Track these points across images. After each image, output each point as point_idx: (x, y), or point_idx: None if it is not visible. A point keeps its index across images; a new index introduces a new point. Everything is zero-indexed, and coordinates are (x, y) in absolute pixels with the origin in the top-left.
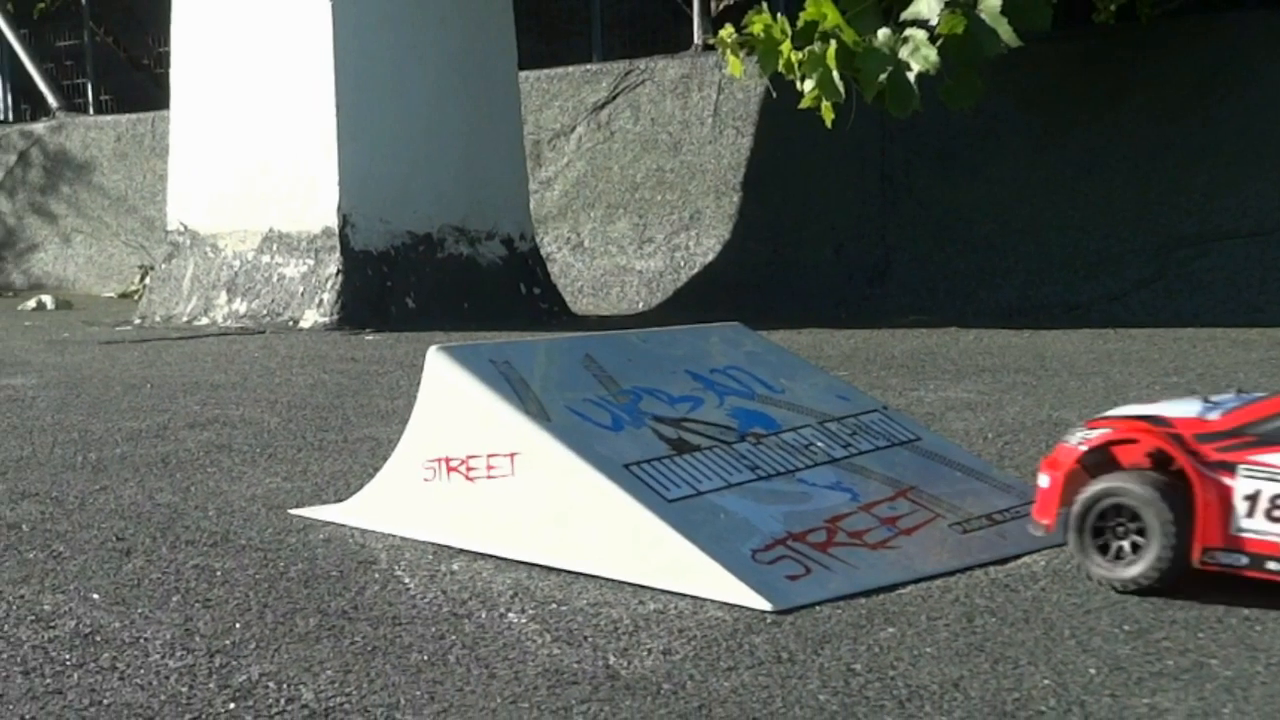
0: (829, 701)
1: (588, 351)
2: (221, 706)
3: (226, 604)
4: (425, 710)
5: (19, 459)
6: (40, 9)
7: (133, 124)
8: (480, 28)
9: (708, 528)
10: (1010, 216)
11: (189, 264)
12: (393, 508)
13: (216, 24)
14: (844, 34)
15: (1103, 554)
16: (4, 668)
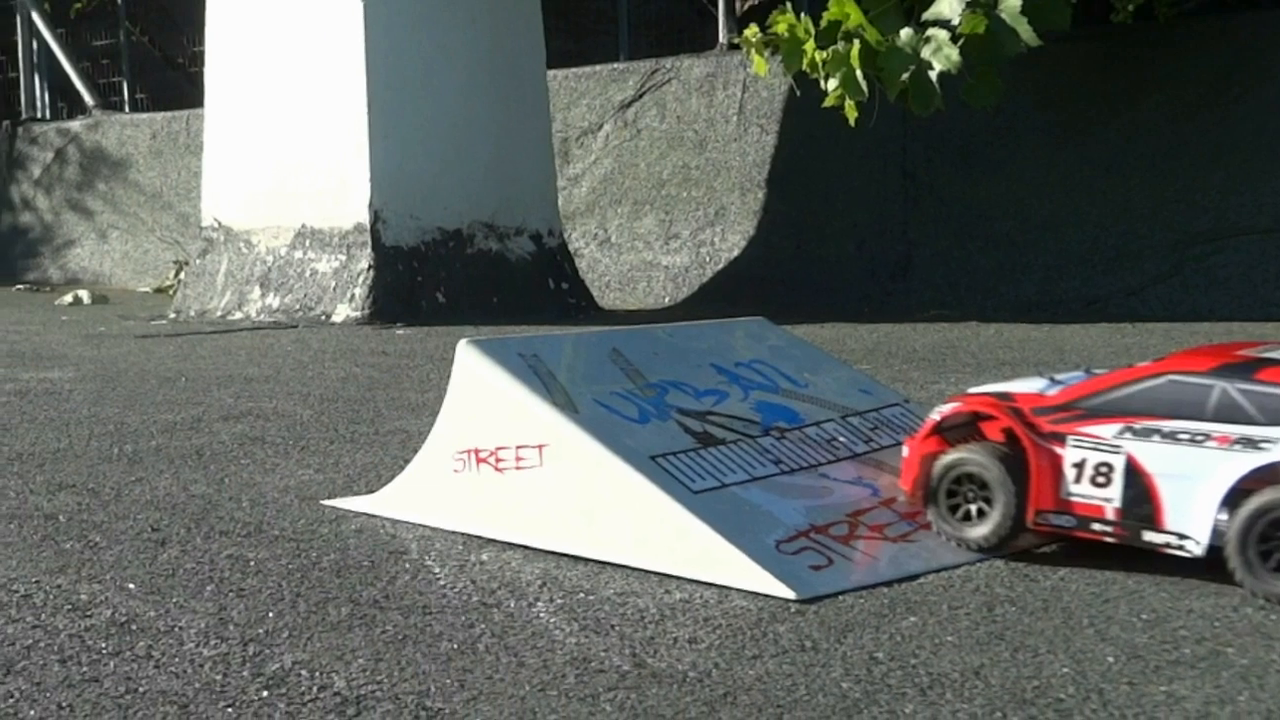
0: (852, 689)
1: (614, 345)
2: (255, 694)
3: (260, 593)
4: (455, 698)
5: (56, 451)
6: (77, 9)
7: (168, 122)
8: (509, 27)
9: (732, 519)
10: (1030, 213)
11: (223, 259)
12: (423, 499)
13: (250, 24)
14: (867, 33)
15: (961, 519)
16: (42, 656)
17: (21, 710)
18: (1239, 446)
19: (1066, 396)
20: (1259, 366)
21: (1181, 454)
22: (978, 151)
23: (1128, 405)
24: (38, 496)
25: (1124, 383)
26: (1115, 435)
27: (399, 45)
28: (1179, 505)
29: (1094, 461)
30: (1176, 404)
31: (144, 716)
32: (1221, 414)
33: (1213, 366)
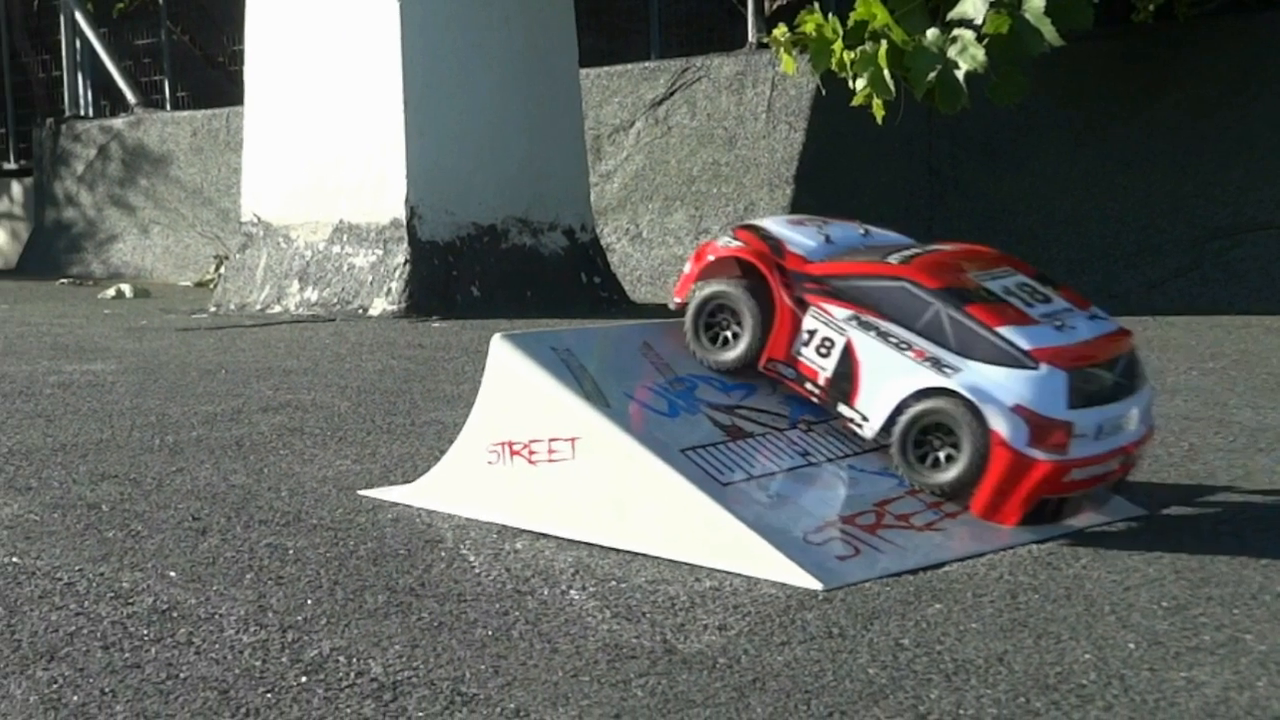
0: (878, 675)
1: (645, 339)
2: (294, 680)
3: (298, 581)
4: (490, 683)
5: (99, 442)
6: (119, 9)
7: (208, 119)
8: (542, 27)
9: (761, 510)
10: (1052, 208)
11: (262, 254)
12: (458, 489)
13: (288, 23)
14: (893, 33)
15: (713, 342)
16: (84, 642)
17: (65, 696)
18: (928, 364)
19: (823, 271)
20: (973, 299)
21: (886, 353)
22: (1001, 148)
23: (864, 297)
24: (81, 486)
25: (869, 275)
26: (844, 319)
27: (434, 45)
28: (870, 392)
29: (823, 334)
30: (900, 309)
31: (184, 702)
32: (928, 331)
33: (940, 286)
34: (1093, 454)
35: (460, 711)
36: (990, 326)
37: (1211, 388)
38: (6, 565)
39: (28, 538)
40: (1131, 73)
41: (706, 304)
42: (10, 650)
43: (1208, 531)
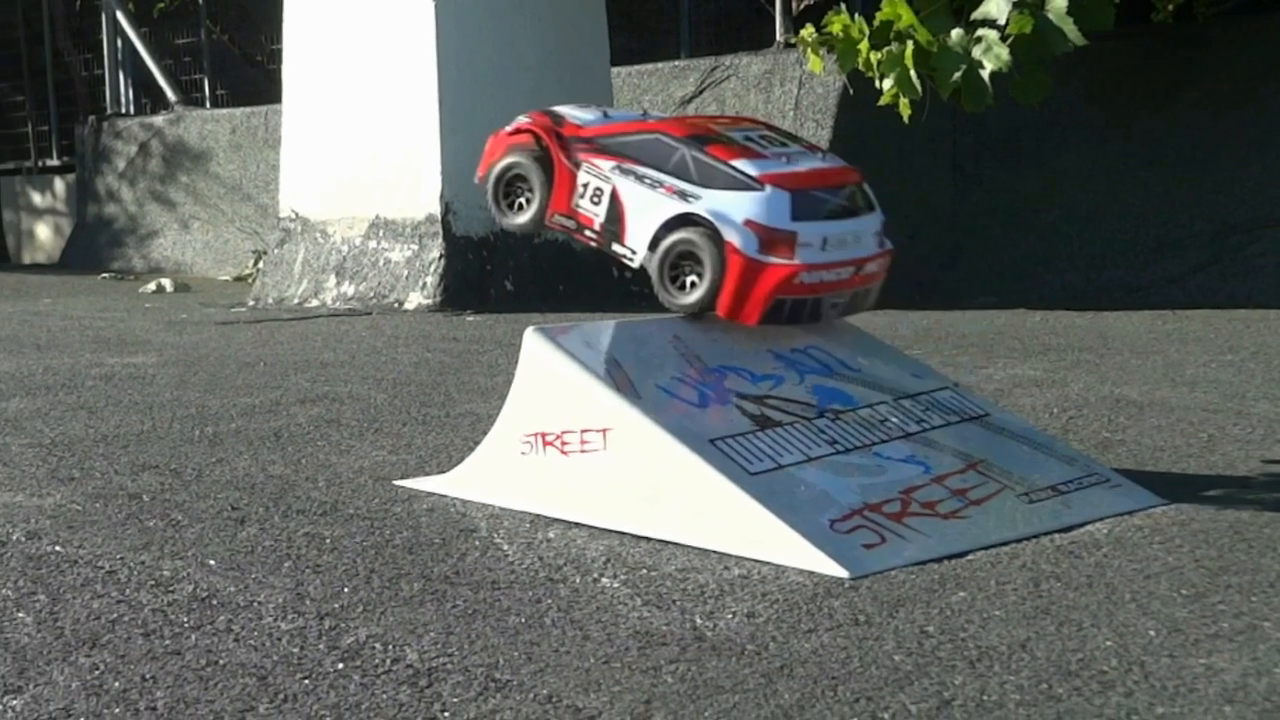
0: (904, 661)
1: (675, 332)
2: (331, 666)
3: (335, 570)
4: (523, 670)
5: (140, 433)
6: (160, 8)
7: (247, 117)
8: (575, 26)
9: (788, 499)
10: (1074, 204)
11: (300, 249)
12: (492, 479)
13: (326, 23)
14: (918, 34)
15: (510, 208)
16: (126, 630)
17: (106, 682)
18: (676, 196)
19: (593, 133)
20: (713, 142)
21: (643, 192)
22: (1025, 145)
23: (625, 149)
24: (122, 476)
25: (629, 132)
26: (610, 169)
27: (469, 44)
28: (634, 228)
29: (594, 185)
30: (654, 155)
31: (224, 688)
32: (675, 170)
33: (685, 134)
34: (820, 261)
35: (494, 697)
36: (725, 160)
37: (1230, 380)
38: (50, 554)
39: (70, 527)
40: (1152, 71)
41: (503, 175)
42: (53, 637)
43: (1226, 521)
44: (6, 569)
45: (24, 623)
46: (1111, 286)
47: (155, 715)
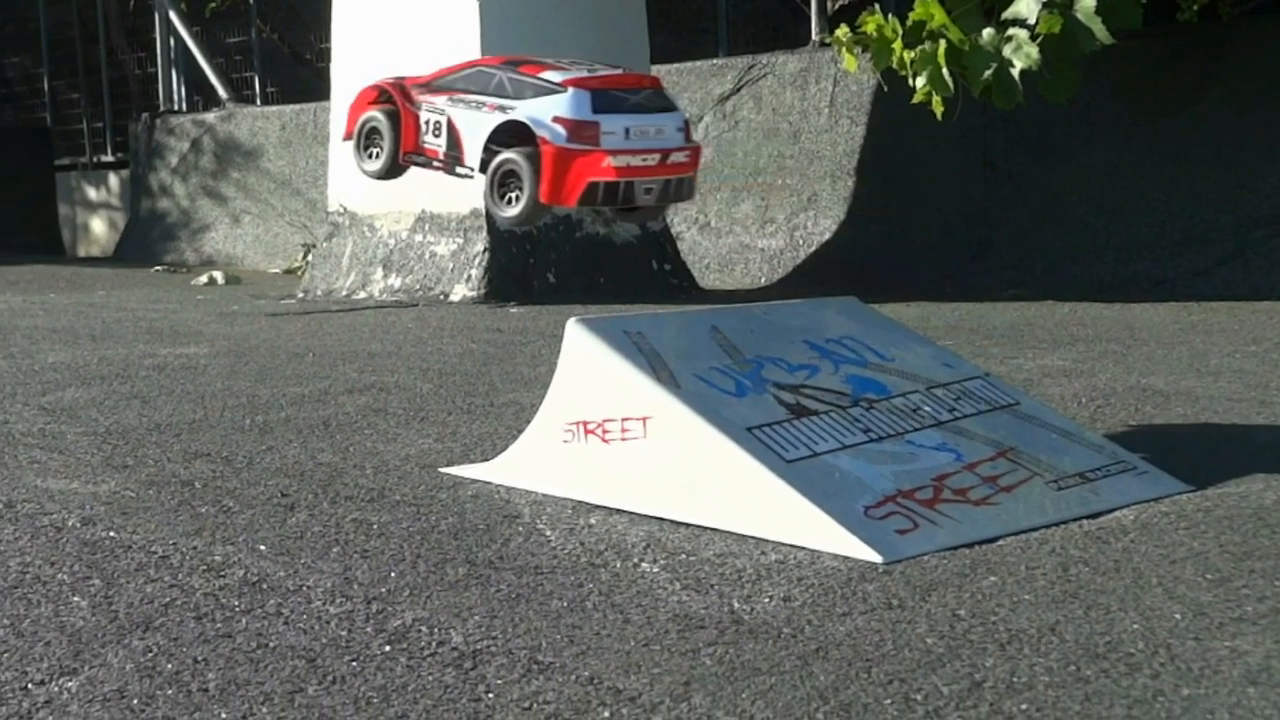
0: (936, 644)
1: (714, 323)
2: (378, 649)
3: (382, 555)
4: (565, 652)
5: (192, 421)
6: (211, 8)
7: (296, 114)
8: (616, 25)
9: (824, 486)
10: (1102, 199)
11: (348, 242)
12: (535, 467)
13: (373, 22)
14: (951, 33)
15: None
16: (178, 613)
17: (159, 664)
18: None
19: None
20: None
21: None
22: (1054, 141)
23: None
24: (175, 464)
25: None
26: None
27: (512, 42)
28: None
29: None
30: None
31: (274, 670)
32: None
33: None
34: (625, 148)
35: (537, 679)
36: (534, 75)
37: (1254, 370)
38: (104, 539)
39: (124, 513)
40: (1178, 69)
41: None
42: (108, 621)
43: (1250, 507)
44: (62, 554)
45: (79, 606)
46: (1138, 279)
47: (207, 696)
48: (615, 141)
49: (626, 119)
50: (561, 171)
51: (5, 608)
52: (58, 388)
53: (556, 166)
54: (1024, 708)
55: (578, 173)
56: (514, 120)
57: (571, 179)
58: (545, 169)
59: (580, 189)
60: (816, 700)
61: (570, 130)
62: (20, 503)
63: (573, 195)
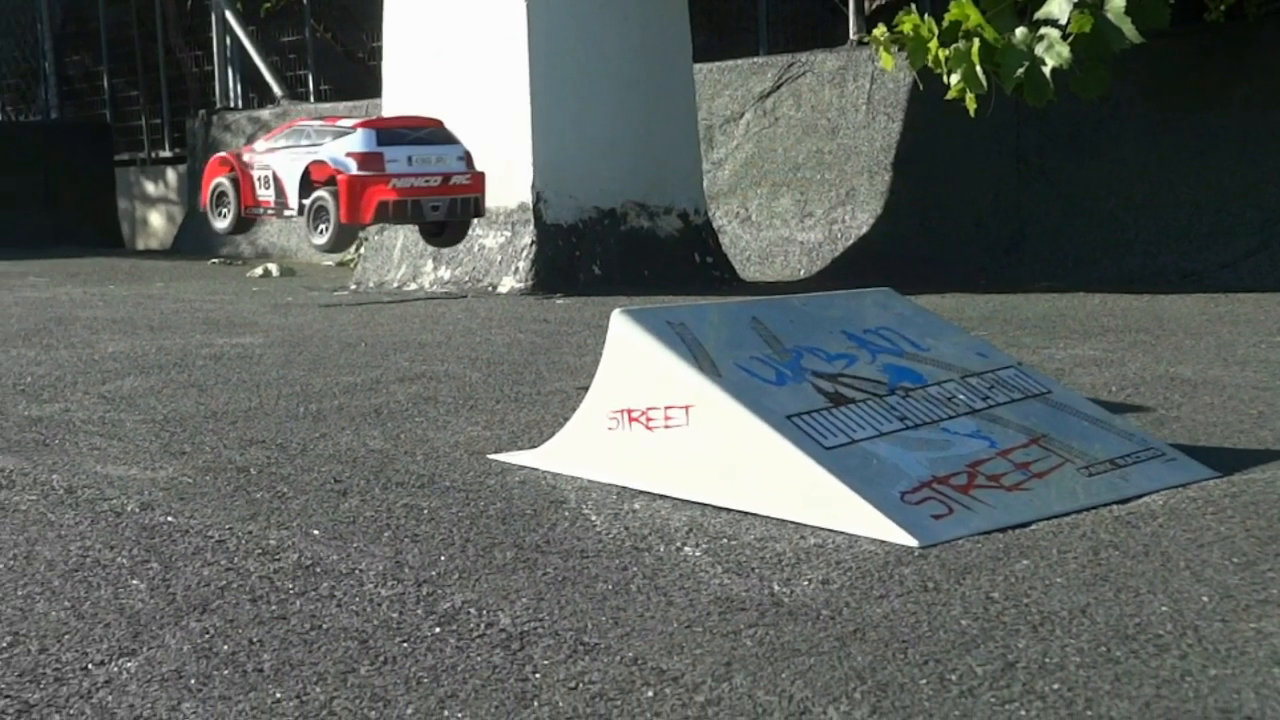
0: (970, 626)
1: (754, 314)
2: (428, 630)
3: (433, 539)
4: (610, 633)
5: (247, 409)
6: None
7: (349, 111)
8: (659, 25)
9: (861, 472)
10: (1132, 193)
11: (399, 236)
12: (580, 453)
13: (424, 22)
14: (985, 32)
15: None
16: (234, 596)
17: (216, 645)
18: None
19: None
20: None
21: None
22: (1085, 137)
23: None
24: (231, 451)
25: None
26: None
27: (558, 44)
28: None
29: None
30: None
31: (327, 651)
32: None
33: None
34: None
35: (583, 660)
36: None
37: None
38: (162, 524)
39: (182, 498)
40: (1205, 67)
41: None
42: (165, 603)
43: (1276, 493)
44: (122, 538)
45: (138, 589)
46: (1167, 271)
47: (262, 677)
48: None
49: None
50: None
51: (66, 590)
52: (117, 377)
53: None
54: (1056, 687)
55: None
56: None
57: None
58: (342, 195)
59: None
60: (854, 680)
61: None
62: (81, 488)
63: (367, 214)
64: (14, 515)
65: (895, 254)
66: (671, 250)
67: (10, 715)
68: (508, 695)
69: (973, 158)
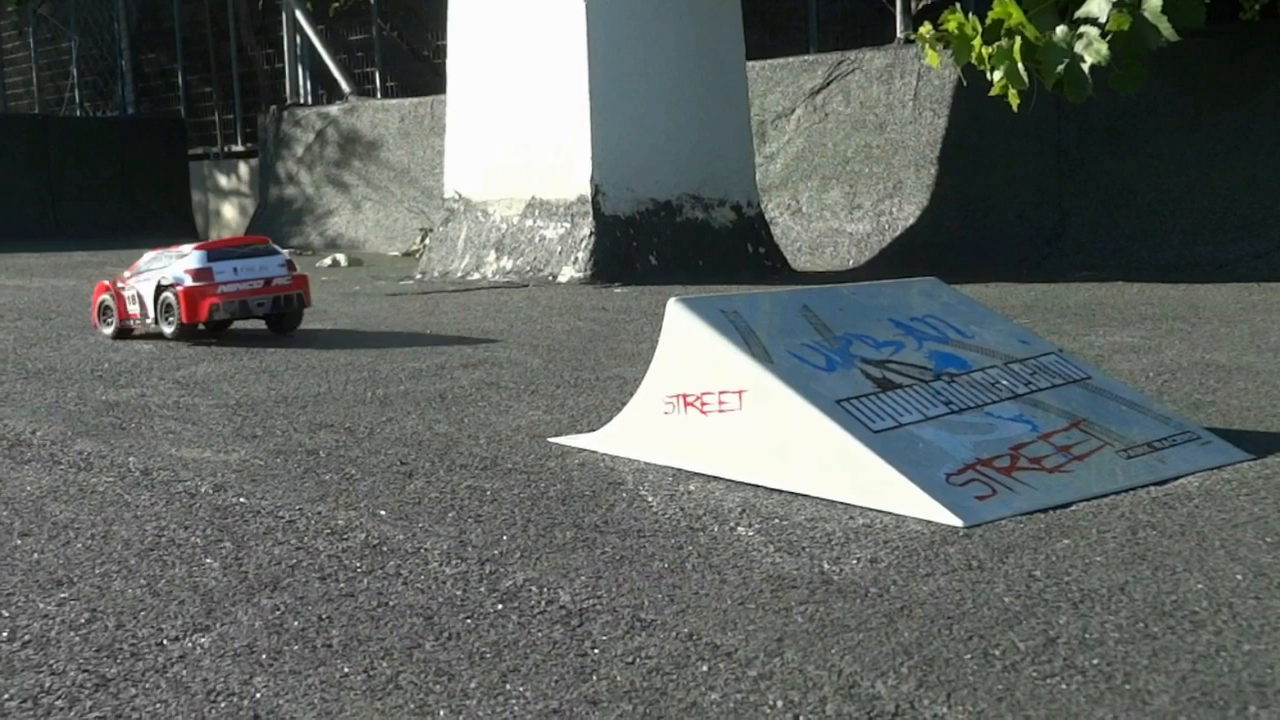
0: (1013, 603)
1: (805, 303)
2: (491, 607)
3: (495, 519)
4: (666, 610)
5: (317, 395)
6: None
7: (414, 107)
8: (713, 24)
9: (908, 455)
10: (1168, 186)
11: (463, 227)
12: (637, 437)
13: (487, 20)
14: (1027, 31)
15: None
16: (304, 574)
17: (286, 621)
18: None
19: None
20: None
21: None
22: (1123, 132)
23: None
24: (301, 434)
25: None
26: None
27: (616, 41)
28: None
29: (131, 295)
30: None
31: (393, 627)
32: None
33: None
34: (233, 279)
35: (639, 635)
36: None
37: None
38: (235, 505)
39: (253, 480)
40: (1239, 65)
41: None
42: (238, 581)
43: None
44: (195, 518)
45: (211, 567)
46: (1202, 261)
47: (331, 651)
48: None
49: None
50: (193, 302)
51: (142, 569)
52: (191, 363)
53: (189, 299)
54: (1095, 662)
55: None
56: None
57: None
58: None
59: (206, 309)
60: (901, 655)
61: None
62: (156, 470)
63: (201, 314)
64: (92, 496)
65: (941, 244)
66: (725, 241)
67: (88, 689)
68: (567, 669)
69: (1015, 152)
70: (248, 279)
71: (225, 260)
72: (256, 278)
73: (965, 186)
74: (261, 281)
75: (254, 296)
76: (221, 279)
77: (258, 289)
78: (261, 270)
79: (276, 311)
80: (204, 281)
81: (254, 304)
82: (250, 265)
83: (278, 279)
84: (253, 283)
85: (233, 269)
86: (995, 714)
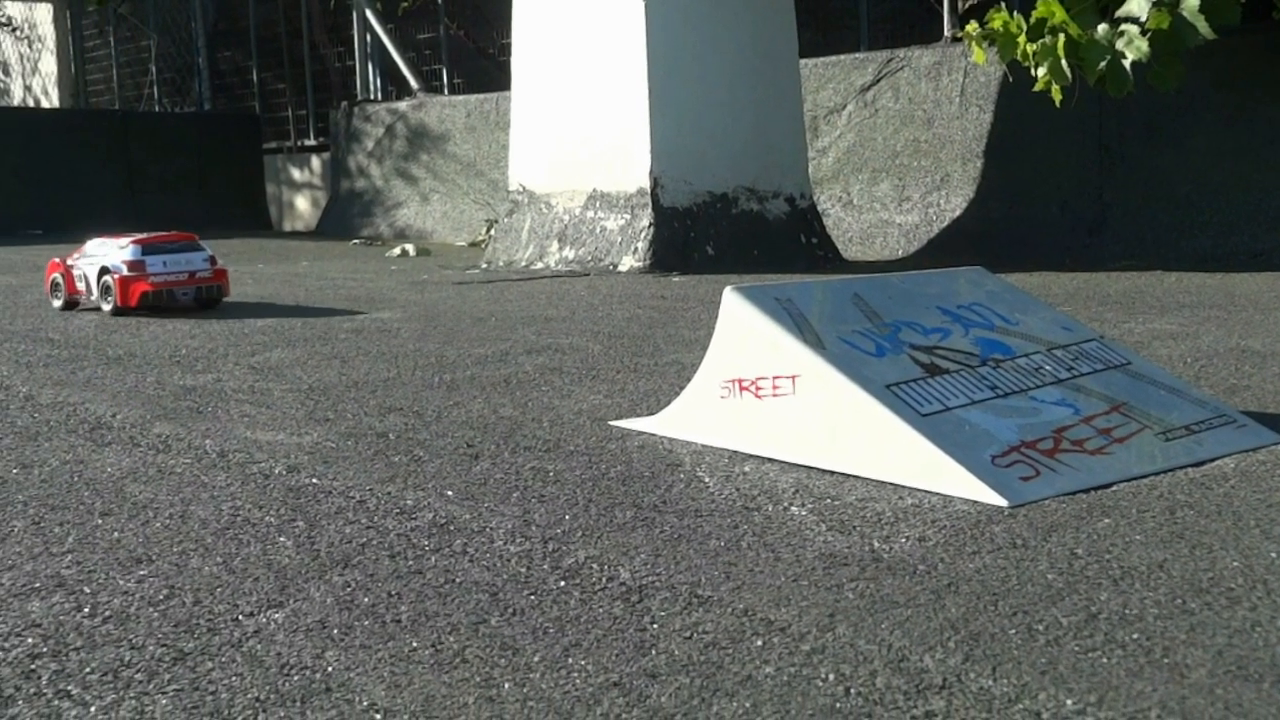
0: (1056, 580)
1: (856, 291)
2: (554, 584)
3: (558, 499)
4: (722, 587)
5: (386, 379)
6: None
7: (480, 103)
8: (767, 22)
9: (955, 437)
10: (1206, 179)
11: (527, 218)
12: (695, 420)
13: (550, 19)
14: (1069, 29)
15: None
16: (374, 552)
17: (357, 598)
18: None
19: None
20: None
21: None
22: (1162, 127)
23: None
24: (371, 418)
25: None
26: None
27: (674, 39)
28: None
29: (78, 274)
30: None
31: (460, 603)
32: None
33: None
34: (162, 271)
35: (697, 611)
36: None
37: None
38: (307, 485)
39: (325, 462)
40: (1275, 62)
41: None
42: (310, 559)
43: None
44: (270, 499)
45: (285, 545)
46: (1238, 251)
47: (400, 627)
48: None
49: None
50: (125, 288)
51: (218, 547)
52: (265, 349)
53: (122, 286)
54: (1135, 637)
55: (135, 289)
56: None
57: (132, 292)
58: (116, 288)
59: (137, 296)
60: (948, 630)
61: (128, 266)
62: (232, 452)
63: (133, 300)
64: (170, 478)
65: (986, 235)
66: (779, 232)
67: (166, 662)
68: (627, 644)
69: (1058, 146)
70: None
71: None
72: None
73: (1010, 179)
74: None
75: (179, 287)
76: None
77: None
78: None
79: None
80: (137, 272)
81: (179, 293)
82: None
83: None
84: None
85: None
86: (1039, 686)
